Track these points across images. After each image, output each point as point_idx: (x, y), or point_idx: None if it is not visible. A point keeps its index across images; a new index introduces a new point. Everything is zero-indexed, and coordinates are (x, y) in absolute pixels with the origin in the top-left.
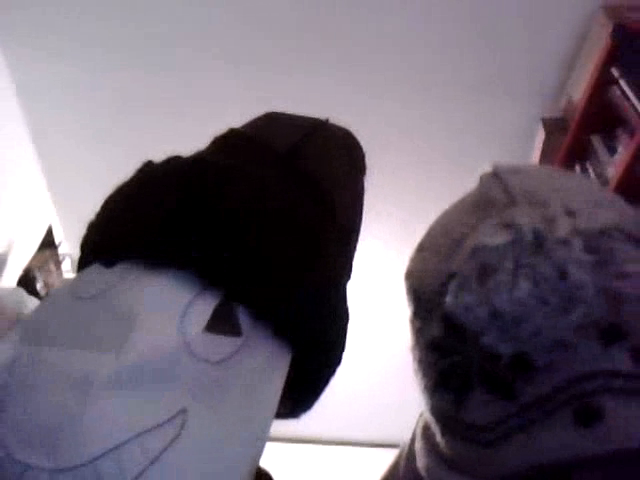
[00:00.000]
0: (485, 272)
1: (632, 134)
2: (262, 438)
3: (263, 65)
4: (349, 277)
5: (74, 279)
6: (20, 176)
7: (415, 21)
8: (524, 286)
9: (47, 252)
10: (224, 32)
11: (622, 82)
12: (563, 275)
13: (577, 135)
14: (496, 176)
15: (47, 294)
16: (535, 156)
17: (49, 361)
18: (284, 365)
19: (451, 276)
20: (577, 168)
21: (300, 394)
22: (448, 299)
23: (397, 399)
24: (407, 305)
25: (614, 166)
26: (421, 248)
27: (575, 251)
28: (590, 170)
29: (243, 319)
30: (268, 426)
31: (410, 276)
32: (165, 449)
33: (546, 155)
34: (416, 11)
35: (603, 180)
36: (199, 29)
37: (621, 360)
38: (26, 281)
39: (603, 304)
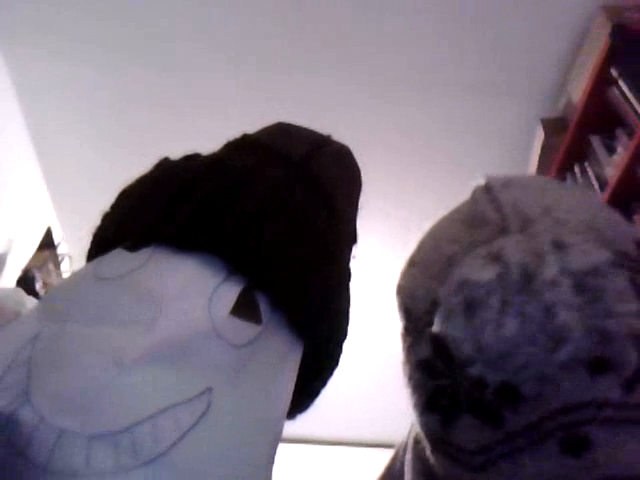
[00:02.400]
0: (471, 307)
1: (631, 134)
2: (279, 423)
3: (263, 65)
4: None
5: (95, 263)
6: (20, 176)
7: (415, 21)
8: (510, 325)
9: (46, 252)
10: (224, 32)
11: (621, 82)
12: (551, 316)
13: (576, 135)
14: (488, 191)
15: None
16: (534, 156)
17: (75, 336)
18: (296, 359)
19: (439, 302)
20: (576, 169)
21: (302, 393)
22: (434, 328)
23: (395, 399)
24: (399, 320)
25: (613, 166)
26: (412, 263)
27: (563, 292)
28: (589, 171)
29: (263, 308)
30: (284, 413)
31: (401, 292)
32: (195, 423)
33: (545, 155)
34: (416, 11)
35: (602, 181)
36: (199, 29)
37: (610, 390)
38: (25, 281)
39: (592, 342)
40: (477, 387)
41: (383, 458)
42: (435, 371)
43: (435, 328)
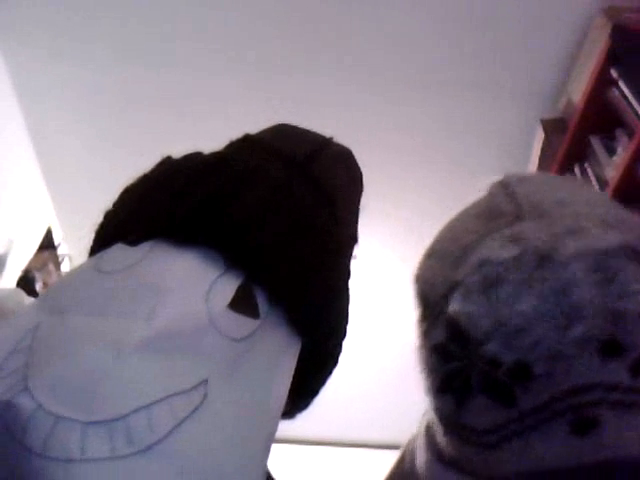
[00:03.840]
0: (490, 284)
1: (631, 135)
2: (275, 418)
3: (263, 65)
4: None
5: (96, 257)
6: (20, 176)
7: (415, 21)
8: (527, 300)
9: (46, 253)
10: (225, 32)
11: (621, 83)
12: (566, 293)
13: (576, 136)
14: (504, 186)
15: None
16: (534, 157)
17: (74, 326)
18: (294, 355)
19: (456, 284)
20: (576, 169)
21: (300, 392)
22: (452, 307)
23: (397, 400)
24: (414, 307)
25: (613, 167)
26: (429, 254)
27: (579, 270)
28: (589, 171)
29: (261, 304)
30: (280, 408)
31: (418, 280)
32: (191, 414)
33: (545, 156)
34: (416, 11)
35: (602, 181)
36: (199, 28)
37: (619, 374)
38: (25, 282)
39: (604, 322)
40: (491, 366)
41: (382, 459)
42: (450, 353)
43: (452, 307)
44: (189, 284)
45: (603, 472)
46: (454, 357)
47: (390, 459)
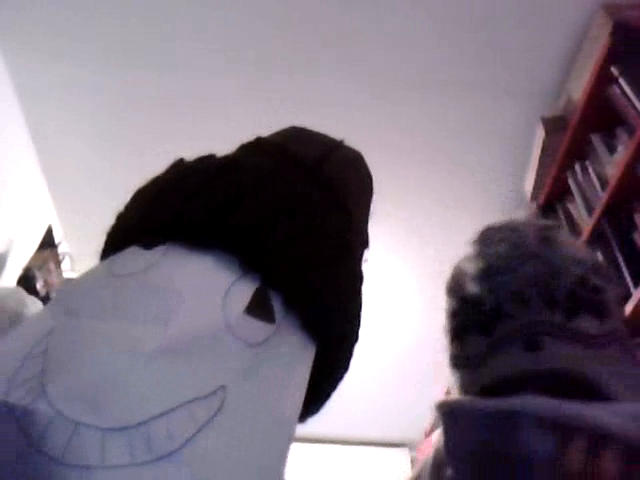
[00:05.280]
0: (485, 241)
1: (632, 133)
2: (292, 423)
3: (263, 65)
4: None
5: (109, 260)
6: (20, 176)
7: (415, 21)
8: (504, 245)
9: (47, 251)
10: (224, 32)
11: (622, 81)
12: (523, 246)
13: (577, 134)
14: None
15: (47, 294)
16: (535, 155)
17: (90, 329)
18: (309, 359)
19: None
20: (577, 167)
21: (312, 397)
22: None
23: (397, 399)
24: (445, 299)
25: (614, 165)
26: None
27: (532, 233)
28: (590, 169)
29: (276, 308)
30: (297, 413)
31: (447, 283)
32: (209, 420)
33: (545, 154)
34: (416, 11)
35: (603, 179)
36: (200, 29)
37: (558, 316)
38: (26, 280)
39: (545, 273)
40: (481, 314)
41: (382, 457)
42: (458, 313)
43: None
44: (205, 289)
45: (543, 379)
46: (462, 315)
47: (390, 457)
